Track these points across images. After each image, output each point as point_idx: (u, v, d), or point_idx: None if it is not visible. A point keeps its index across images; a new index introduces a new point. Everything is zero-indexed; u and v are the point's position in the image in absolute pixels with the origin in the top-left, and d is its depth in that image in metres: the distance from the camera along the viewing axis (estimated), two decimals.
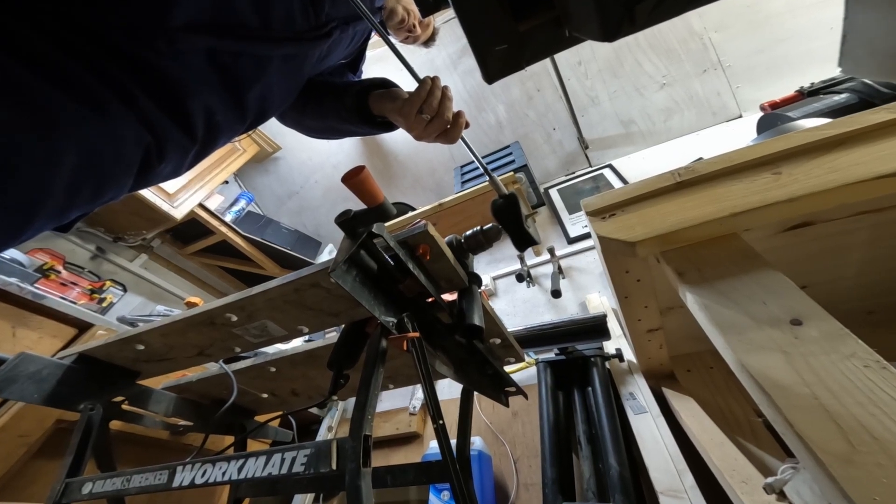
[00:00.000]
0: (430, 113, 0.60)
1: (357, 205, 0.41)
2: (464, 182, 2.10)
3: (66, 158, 0.40)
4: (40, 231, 0.43)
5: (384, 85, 0.70)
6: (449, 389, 1.38)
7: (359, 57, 0.81)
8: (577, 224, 1.84)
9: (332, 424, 1.47)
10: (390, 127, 0.71)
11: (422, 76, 0.61)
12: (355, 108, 0.69)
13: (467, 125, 0.64)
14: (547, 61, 2.15)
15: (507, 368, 0.78)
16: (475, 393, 0.72)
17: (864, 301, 0.76)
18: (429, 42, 1.01)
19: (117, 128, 0.43)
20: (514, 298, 1.67)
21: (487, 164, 2.15)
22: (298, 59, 0.60)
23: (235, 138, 0.58)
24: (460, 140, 0.63)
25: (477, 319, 0.50)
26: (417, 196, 2.63)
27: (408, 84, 0.64)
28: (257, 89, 0.55)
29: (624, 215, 0.52)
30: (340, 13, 0.62)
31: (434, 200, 1.87)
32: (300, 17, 0.56)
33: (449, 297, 0.58)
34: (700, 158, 1.50)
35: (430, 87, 0.60)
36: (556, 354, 1.10)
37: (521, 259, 1.70)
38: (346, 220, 0.42)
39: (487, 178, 0.62)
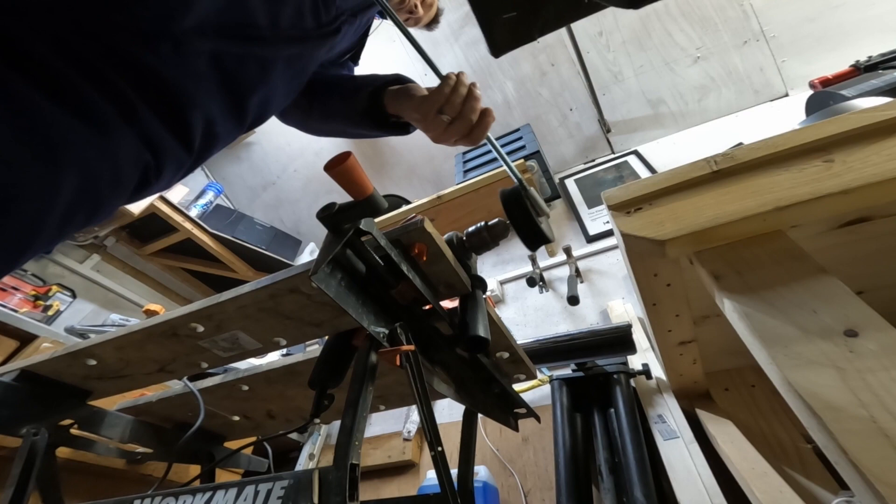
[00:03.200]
0: (451, 114, 0.61)
1: (342, 197, 0.41)
2: (466, 171, 2.10)
3: (65, 187, 0.42)
4: (28, 260, 0.45)
5: (399, 81, 0.71)
6: (449, 411, 1.38)
7: (360, 47, 0.83)
8: (598, 220, 1.84)
9: (314, 452, 1.47)
10: (406, 129, 0.73)
11: (421, 60, 0.61)
12: (368, 108, 0.71)
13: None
14: (563, 32, 2.15)
15: (517, 387, 0.78)
16: (479, 415, 0.72)
17: None
18: (432, 24, 1.03)
19: (117, 147, 0.45)
20: (524, 306, 1.67)
21: None
22: (304, 59, 0.62)
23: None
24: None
25: (481, 330, 0.50)
26: (412, 187, 2.63)
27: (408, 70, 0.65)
28: (259, 94, 0.57)
29: (652, 209, 0.52)
30: (349, 4, 0.64)
31: (432, 192, 1.87)
32: (310, 14, 0.58)
33: (449, 304, 0.58)
34: (740, 144, 1.50)
35: (454, 85, 0.60)
36: (574, 371, 1.10)
37: (533, 260, 1.70)
38: (330, 215, 0.42)
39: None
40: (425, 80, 0.66)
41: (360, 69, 0.86)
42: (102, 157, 0.44)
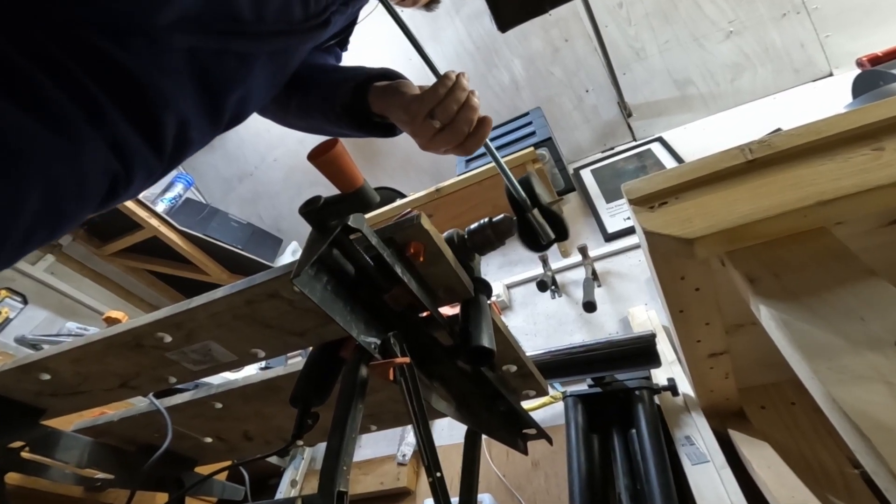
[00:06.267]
0: (443, 119, 0.60)
1: (329, 190, 0.41)
2: (468, 161, 2.10)
3: (28, 202, 0.41)
4: None
5: (388, 76, 0.71)
6: (449, 432, 1.38)
7: (349, 32, 0.83)
8: (617, 216, 1.84)
9: (297, 478, 1.47)
10: (392, 131, 0.72)
11: (418, 35, 0.61)
12: (350, 104, 0.71)
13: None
14: (578, 3, 2.15)
15: (526, 404, 0.78)
16: (483, 436, 0.72)
17: None
18: (432, 4, 1.03)
19: (86, 157, 0.45)
20: (534, 312, 1.67)
21: (500, 136, 2.15)
22: (288, 53, 0.62)
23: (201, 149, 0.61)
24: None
25: (485, 340, 0.50)
26: (408, 179, 2.63)
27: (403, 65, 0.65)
28: (238, 92, 0.57)
29: (678, 204, 0.53)
30: None
31: (430, 184, 1.88)
32: (298, 4, 0.58)
33: (449, 310, 0.58)
34: (778, 130, 1.50)
35: (451, 86, 0.60)
36: (590, 386, 1.10)
37: (544, 261, 1.70)
38: (314, 211, 0.42)
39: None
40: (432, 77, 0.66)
41: (356, 60, 0.86)
42: (70, 169, 0.44)
